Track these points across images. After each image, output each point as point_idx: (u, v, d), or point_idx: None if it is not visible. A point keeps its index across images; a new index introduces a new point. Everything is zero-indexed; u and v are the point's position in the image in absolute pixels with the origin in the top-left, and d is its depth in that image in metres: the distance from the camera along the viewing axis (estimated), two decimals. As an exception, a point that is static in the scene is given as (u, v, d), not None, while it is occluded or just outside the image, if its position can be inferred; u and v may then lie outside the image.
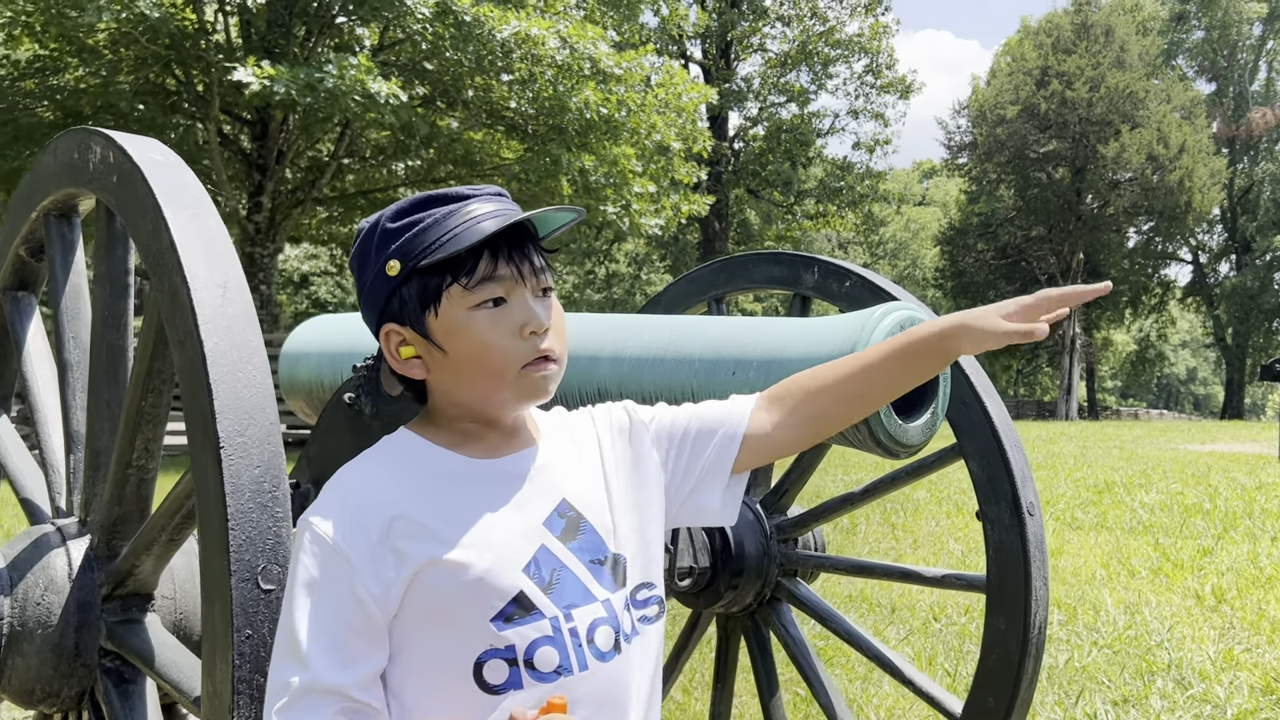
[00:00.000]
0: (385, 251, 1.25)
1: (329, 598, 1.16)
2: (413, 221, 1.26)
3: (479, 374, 1.24)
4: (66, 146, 1.77)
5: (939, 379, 1.65)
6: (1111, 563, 6.21)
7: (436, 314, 1.24)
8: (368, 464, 1.26)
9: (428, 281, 1.23)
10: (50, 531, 1.77)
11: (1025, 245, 37.64)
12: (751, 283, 2.83)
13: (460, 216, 1.25)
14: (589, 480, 1.36)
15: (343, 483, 1.22)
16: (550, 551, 1.27)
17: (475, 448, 1.30)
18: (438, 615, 1.20)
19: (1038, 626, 2.36)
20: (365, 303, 1.29)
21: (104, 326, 1.74)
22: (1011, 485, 2.35)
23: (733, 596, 2.63)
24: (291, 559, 1.18)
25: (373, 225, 1.29)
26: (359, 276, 1.30)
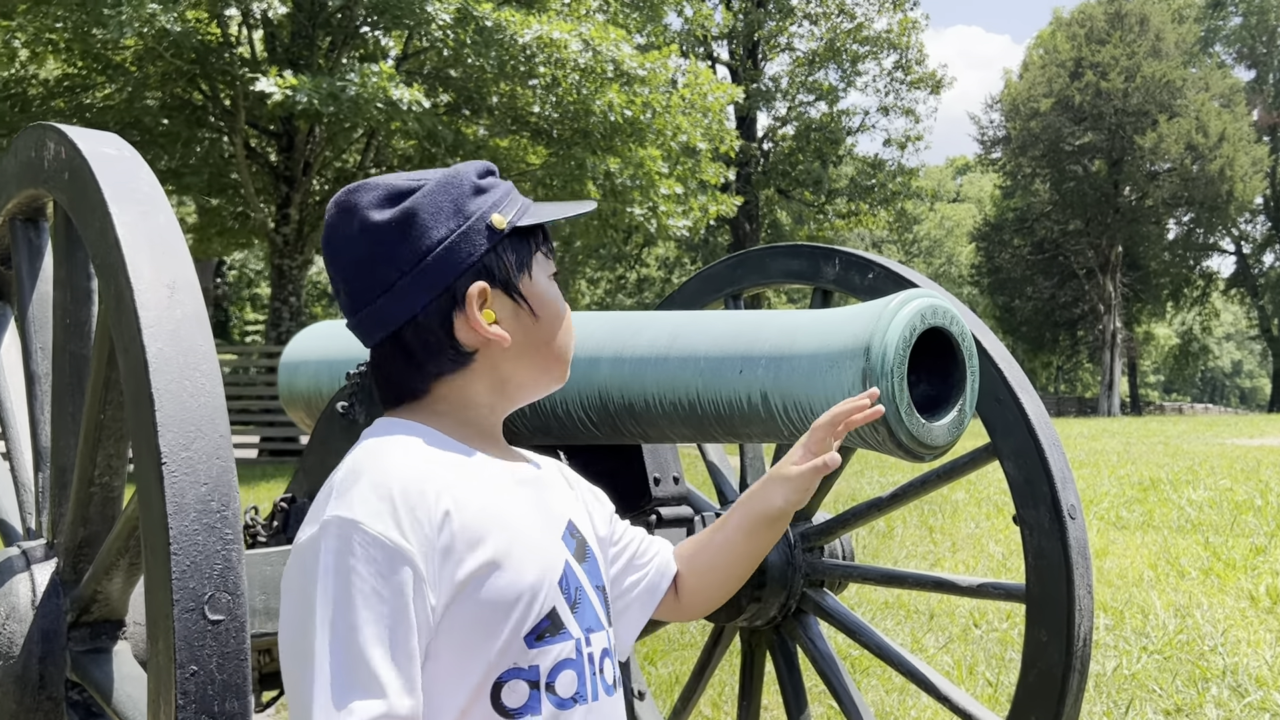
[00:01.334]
0: (483, 205, 1.20)
1: (397, 610, 1.02)
2: (497, 184, 1.23)
3: (554, 344, 1.23)
4: (24, 145, 1.66)
5: (966, 371, 1.50)
6: (1159, 563, 5.98)
7: (530, 276, 1.21)
8: (404, 449, 1.13)
9: (524, 243, 1.21)
10: (14, 555, 1.66)
11: (1062, 239, 37.06)
12: (769, 278, 2.69)
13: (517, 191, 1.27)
14: (581, 508, 1.31)
15: (385, 470, 1.08)
16: (572, 569, 1.21)
17: (489, 449, 1.22)
18: (473, 628, 1.09)
19: (1083, 639, 2.20)
20: (435, 262, 1.17)
21: (66, 335, 1.63)
22: (1050, 487, 2.19)
23: (756, 609, 2.48)
24: (324, 568, 1.02)
25: (449, 178, 1.21)
26: (420, 233, 1.17)
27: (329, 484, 1.10)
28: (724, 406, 1.65)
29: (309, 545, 1.06)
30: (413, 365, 1.19)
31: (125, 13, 9.58)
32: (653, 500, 2.06)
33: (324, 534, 1.05)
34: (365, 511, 1.04)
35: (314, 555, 1.04)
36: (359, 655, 1.00)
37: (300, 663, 1.03)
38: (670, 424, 1.76)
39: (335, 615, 1.01)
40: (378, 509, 1.04)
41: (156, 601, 1.15)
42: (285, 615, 1.07)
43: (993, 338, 2.30)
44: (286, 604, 1.07)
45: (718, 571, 1.38)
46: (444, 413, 1.20)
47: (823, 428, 1.30)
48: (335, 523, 1.04)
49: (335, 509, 1.05)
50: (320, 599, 1.02)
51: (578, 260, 29.59)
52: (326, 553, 1.03)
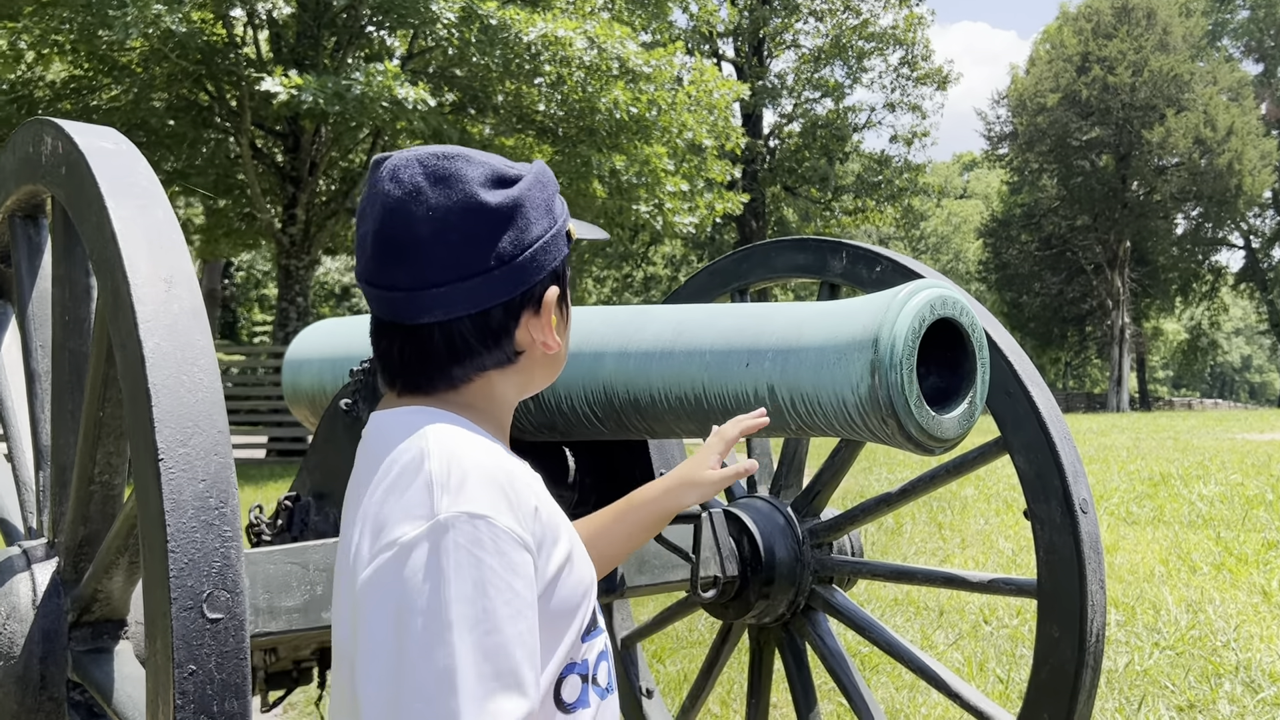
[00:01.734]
0: (561, 209, 1.20)
1: (528, 605, 0.99)
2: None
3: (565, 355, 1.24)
4: (22, 140, 1.65)
5: (977, 362, 1.47)
6: (1171, 558, 5.94)
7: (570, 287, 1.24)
8: (469, 442, 1.06)
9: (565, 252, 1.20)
10: (15, 555, 1.64)
11: (1070, 235, 36.94)
12: (775, 272, 2.66)
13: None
14: None
15: (482, 461, 1.03)
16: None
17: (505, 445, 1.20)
18: (552, 626, 1.07)
19: (1095, 634, 2.17)
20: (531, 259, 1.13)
21: (65, 332, 1.62)
22: (1062, 481, 2.16)
23: (764, 606, 2.46)
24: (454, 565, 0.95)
25: (544, 173, 1.19)
26: (525, 225, 1.13)
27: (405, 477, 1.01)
28: (730, 400, 1.63)
29: (425, 542, 0.96)
30: (458, 355, 1.12)
31: (130, 13, 9.58)
32: (659, 496, 2.03)
33: (448, 529, 0.96)
34: (488, 505, 0.99)
35: (435, 552, 0.96)
36: (505, 653, 0.95)
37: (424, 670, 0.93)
38: (676, 419, 1.74)
39: (474, 613, 0.94)
40: (496, 502, 1.00)
41: (154, 600, 1.14)
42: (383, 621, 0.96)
43: (1003, 331, 2.27)
44: (385, 609, 0.96)
45: (604, 560, 1.39)
46: (470, 405, 1.15)
47: (734, 436, 1.37)
48: (460, 518, 0.97)
49: (454, 504, 0.98)
50: (455, 597, 0.94)
51: (584, 259, 29.58)
52: (454, 549, 0.96)
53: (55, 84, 13.28)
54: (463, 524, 0.97)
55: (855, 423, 1.48)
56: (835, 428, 1.52)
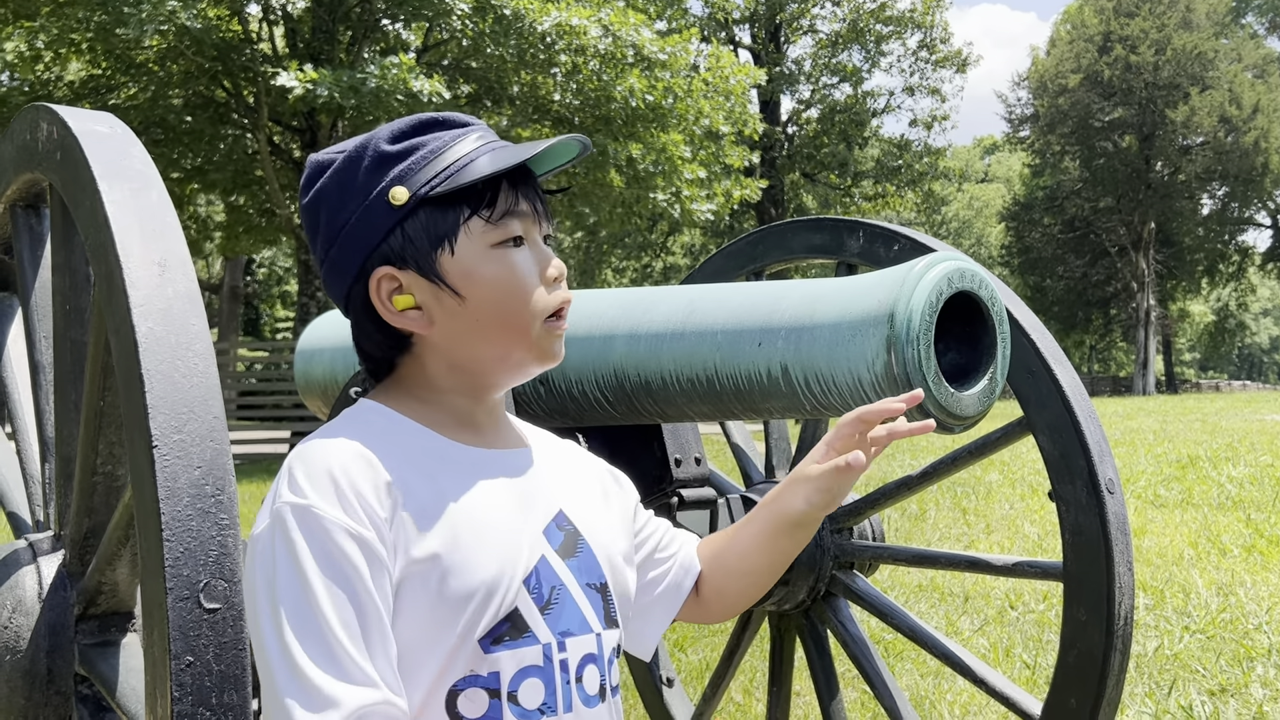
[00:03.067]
0: (383, 178, 1.08)
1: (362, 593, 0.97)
2: (419, 144, 1.09)
3: (501, 324, 1.09)
4: (20, 127, 1.62)
5: (997, 337, 1.43)
6: (1200, 541, 5.85)
7: (452, 252, 1.07)
8: (344, 434, 1.05)
9: (442, 214, 1.07)
10: (21, 548, 1.63)
11: (1093, 217, 36.56)
12: (791, 253, 2.62)
13: (471, 142, 1.10)
14: (587, 497, 1.21)
15: (322, 455, 1.02)
16: (550, 565, 1.10)
17: (465, 433, 1.13)
18: (421, 626, 1.01)
19: (1123, 617, 2.12)
20: (342, 245, 1.10)
21: (66, 322, 1.60)
22: (1088, 461, 2.11)
23: (783, 593, 2.42)
24: (281, 558, 0.97)
25: (358, 149, 1.10)
26: (330, 214, 1.10)
27: (279, 473, 1.05)
28: (743, 381, 1.59)
29: (262, 537, 1.00)
30: (364, 344, 1.15)
31: (146, 10, 9.61)
32: (674, 482, 2.00)
33: (275, 523, 0.99)
34: (314, 495, 0.98)
35: (268, 546, 0.99)
36: (335, 642, 0.94)
37: (269, 661, 0.96)
38: (688, 401, 1.70)
39: (296, 603, 0.95)
40: (325, 491, 0.99)
41: (150, 590, 1.11)
42: (248, 611, 1.01)
43: (1024, 308, 2.22)
44: (249, 603, 1.01)
45: (741, 576, 1.28)
46: (416, 395, 1.13)
47: (849, 424, 1.17)
48: (285, 510, 0.99)
49: (284, 496, 1.00)
50: (281, 588, 0.96)
51: (604, 250, 29.56)
52: (280, 541, 0.98)
53: (74, 84, 13.37)
54: (286, 516, 0.98)
55: (871, 401, 1.43)
56: (851, 407, 1.48)
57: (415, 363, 1.12)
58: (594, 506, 1.20)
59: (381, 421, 1.10)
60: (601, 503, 1.22)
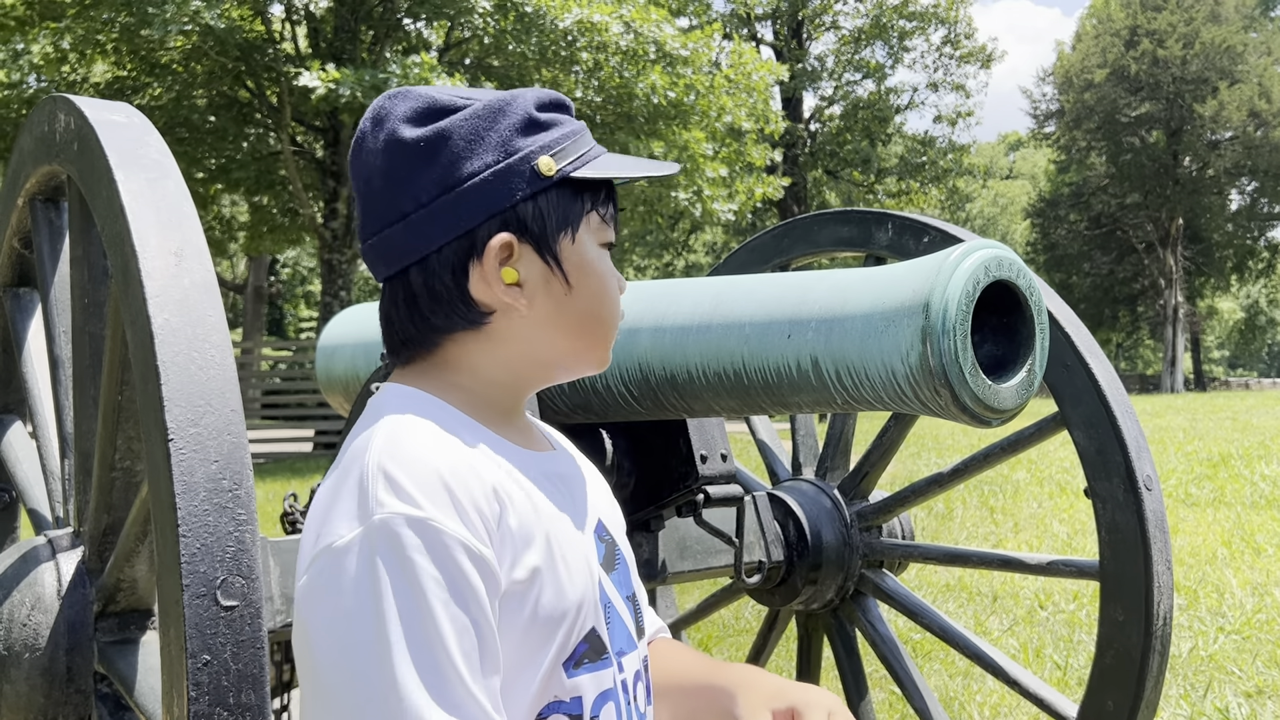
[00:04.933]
0: (531, 142, 1.01)
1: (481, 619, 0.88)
2: (563, 121, 1.04)
3: (594, 322, 1.04)
4: (38, 119, 1.61)
5: (1035, 328, 1.38)
6: (1234, 540, 5.75)
7: (574, 239, 1.02)
8: (429, 431, 0.94)
9: (573, 199, 1.02)
10: (40, 544, 1.61)
11: (1120, 213, 36.18)
12: (817, 246, 2.57)
13: (589, 137, 1.07)
14: (610, 501, 1.16)
15: (425, 456, 0.90)
16: (603, 580, 1.05)
17: (510, 433, 1.05)
18: (513, 649, 0.93)
19: (1162, 617, 2.06)
20: (462, 196, 0.99)
21: (85, 316, 1.58)
22: (1125, 457, 2.06)
23: (812, 592, 2.37)
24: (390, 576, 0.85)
25: (500, 102, 1.02)
26: (453, 159, 0.99)
27: (348, 472, 0.92)
28: (771, 374, 1.55)
29: (357, 549, 0.86)
30: (417, 314, 1.01)
31: (170, 11, 9.66)
32: (700, 479, 1.96)
33: (380, 535, 0.86)
34: (430, 505, 0.87)
35: (368, 563, 0.85)
36: (454, 675, 0.85)
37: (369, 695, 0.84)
38: (715, 395, 1.66)
39: (411, 629, 0.84)
40: (438, 501, 0.88)
41: (166, 587, 1.08)
42: (322, 636, 0.87)
43: (1059, 300, 2.17)
44: (322, 622, 0.87)
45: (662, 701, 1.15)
46: (457, 384, 1.03)
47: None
48: (395, 521, 0.86)
49: (388, 504, 0.87)
50: (387, 611, 0.84)
51: (624, 248, 29.51)
52: (391, 558, 0.85)
53: (99, 85, 13.47)
54: (398, 527, 0.86)
55: (905, 394, 1.39)
56: (884, 400, 1.43)
57: (475, 345, 1.02)
58: (615, 508, 1.16)
59: (446, 415, 0.99)
60: (614, 508, 1.17)
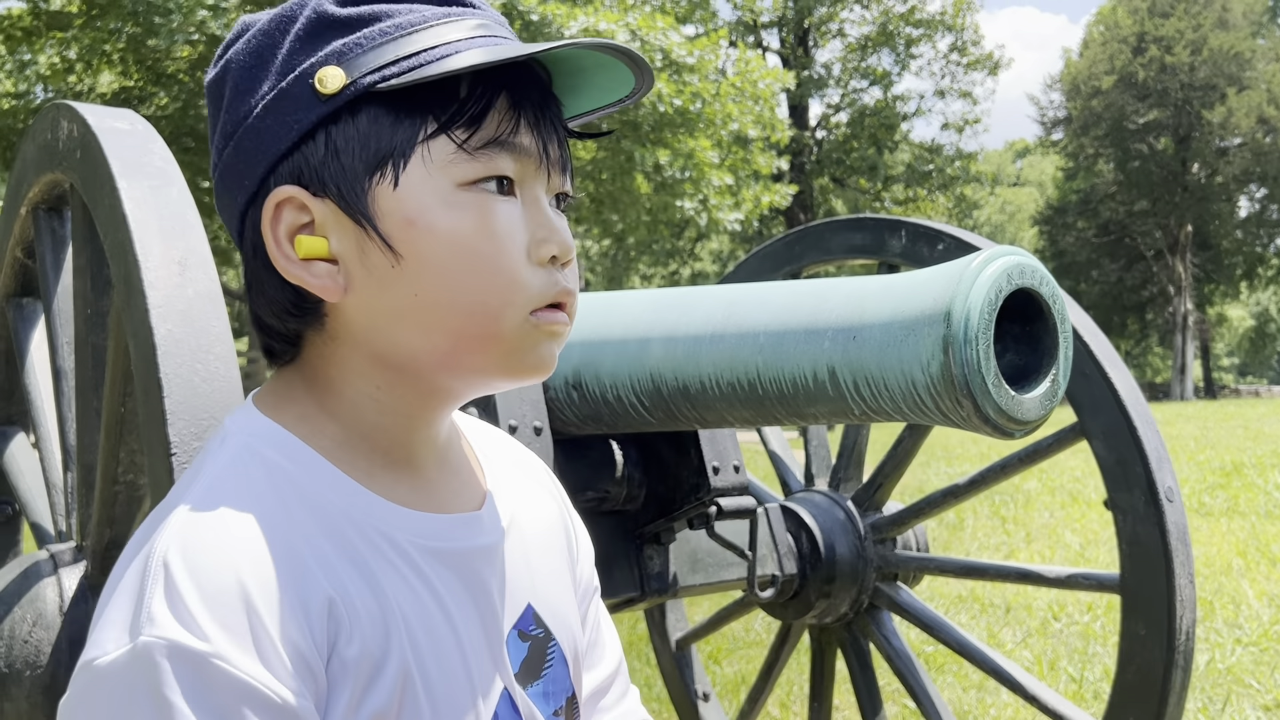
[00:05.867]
0: (317, 54, 0.72)
1: None
2: (382, 14, 0.72)
3: (455, 307, 0.71)
4: (41, 127, 1.58)
5: (1059, 336, 1.34)
6: (1249, 551, 5.69)
7: (396, 182, 0.71)
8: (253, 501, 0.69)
9: (394, 122, 0.71)
10: (42, 559, 1.58)
11: (1129, 221, 36.09)
12: (829, 254, 2.55)
13: (465, 28, 0.72)
14: (554, 562, 0.87)
15: (223, 550, 0.65)
16: (511, 703, 0.78)
17: (403, 484, 0.77)
18: None
19: (1185, 632, 2.02)
20: (239, 144, 0.73)
21: (88, 327, 1.55)
22: (1145, 468, 2.02)
23: (825, 605, 2.34)
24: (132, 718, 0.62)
25: (293, 7, 0.75)
26: (235, 95, 0.74)
27: (138, 550, 0.69)
28: (787, 385, 1.51)
29: (115, 678, 0.63)
30: (256, 304, 0.76)
31: (175, 21, 9.70)
32: (712, 490, 1.93)
33: (140, 666, 0.62)
34: (218, 635, 0.62)
35: (125, 699, 0.62)
36: None
37: None
38: (729, 406, 1.62)
39: None
40: (231, 627, 0.63)
41: (168, 606, 1.06)
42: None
43: (1077, 308, 2.14)
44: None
45: None
46: (327, 407, 0.76)
47: None
48: (160, 650, 0.62)
49: (159, 623, 0.62)
50: None
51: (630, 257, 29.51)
52: (144, 700, 0.61)
53: (106, 95, 13.52)
54: (164, 660, 0.61)
55: (926, 405, 1.35)
56: (903, 411, 1.40)
57: (327, 349, 0.75)
58: (561, 576, 0.88)
59: (292, 468, 0.72)
60: (566, 563, 0.90)
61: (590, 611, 0.94)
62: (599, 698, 0.92)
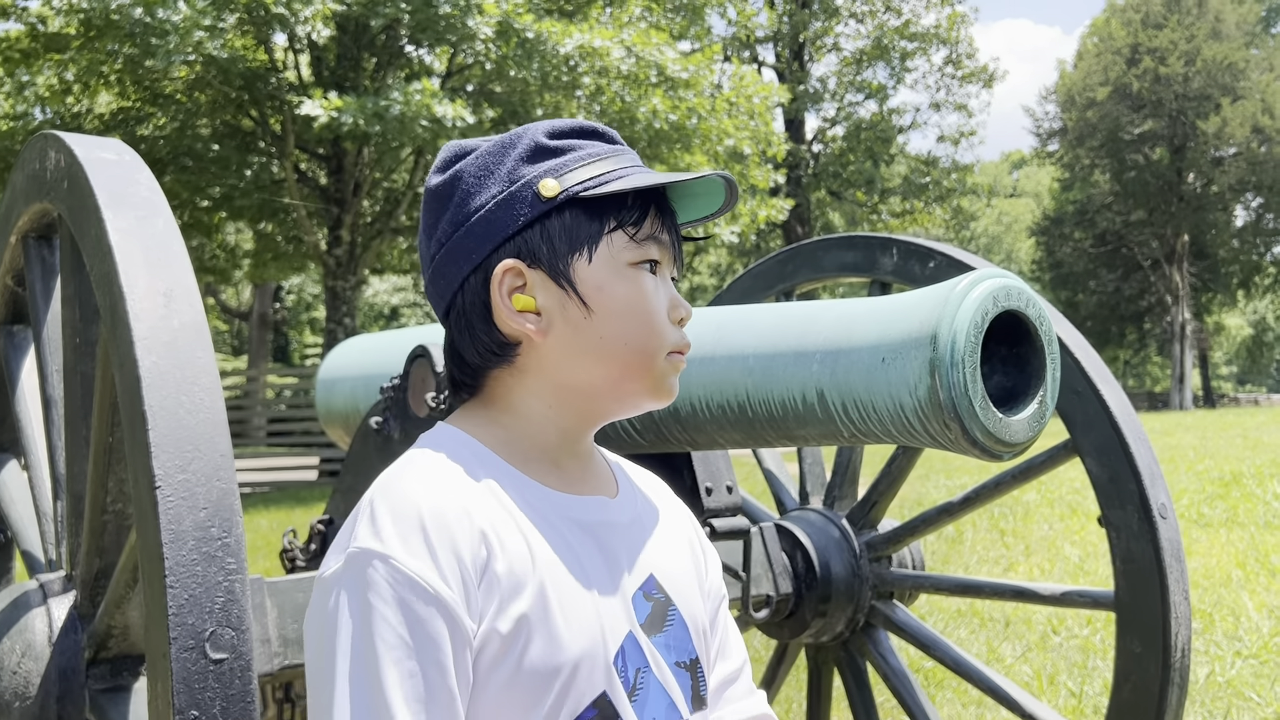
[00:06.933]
0: (536, 169, 1.01)
1: (430, 666, 0.86)
2: (577, 145, 1.03)
3: (625, 347, 1.00)
4: (30, 156, 1.59)
5: (1046, 358, 1.34)
6: (1248, 562, 5.68)
7: (590, 259, 1.00)
8: (433, 468, 0.95)
9: (588, 219, 1.00)
10: (32, 589, 1.58)
11: (1125, 231, 36.12)
12: (822, 272, 2.55)
13: (626, 159, 1.05)
14: (678, 555, 1.09)
15: (412, 493, 0.91)
16: (637, 643, 0.99)
17: (549, 473, 1.02)
18: (493, 705, 0.90)
19: (1180, 649, 2.01)
20: (471, 230, 1.01)
21: (76, 356, 1.55)
22: (1139, 485, 2.02)
23: (821, 625, 2.33)
24: (345, 610, 0.87)
25: (511, 138, 1.04)
26: (464, 197, 1.02)
27: (357, 506, 0.95)
28: (776, 407, 1.51)
29: (332, 582, 0.89)
30: (457, 355, 1.03)
31: (173, 42, 9.72)
32: (705, 511, 1.93)
33: (348, 568, 0.88)
34: (396, 543, 0.88)
35: (336, 594, 0.88)
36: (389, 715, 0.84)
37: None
38: (719, 428, 1.62)
39: (357, 670, 0.85)
40: (409, 540, 0.88)
41: (154, 639, 1.05)
42: (308, 663, 0.91)
43: (1068, 325, 2.14)
44: (309, 650, 0.91)
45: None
46: (498, 422, 1.02)
47: None
48: (360, 556, 0.88)
49: (361, 539, 0.89)
50: (340, 649, 0.86)
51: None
52: (349, 591, 0.87)
53: (104, 115, 13.54)
54: (363, 564, 0.88)
55: (914, 428, 1.35)
56: (892, 434, 1.40)
57: (512, 380, 1.02)
58: (685, 567, 1.09)
59: (468, 454, 0.98)
60: (691, 563, 1.10)
61: (720, 615, 1.15)
62: (727, 687, 1.12)
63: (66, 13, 10.51)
